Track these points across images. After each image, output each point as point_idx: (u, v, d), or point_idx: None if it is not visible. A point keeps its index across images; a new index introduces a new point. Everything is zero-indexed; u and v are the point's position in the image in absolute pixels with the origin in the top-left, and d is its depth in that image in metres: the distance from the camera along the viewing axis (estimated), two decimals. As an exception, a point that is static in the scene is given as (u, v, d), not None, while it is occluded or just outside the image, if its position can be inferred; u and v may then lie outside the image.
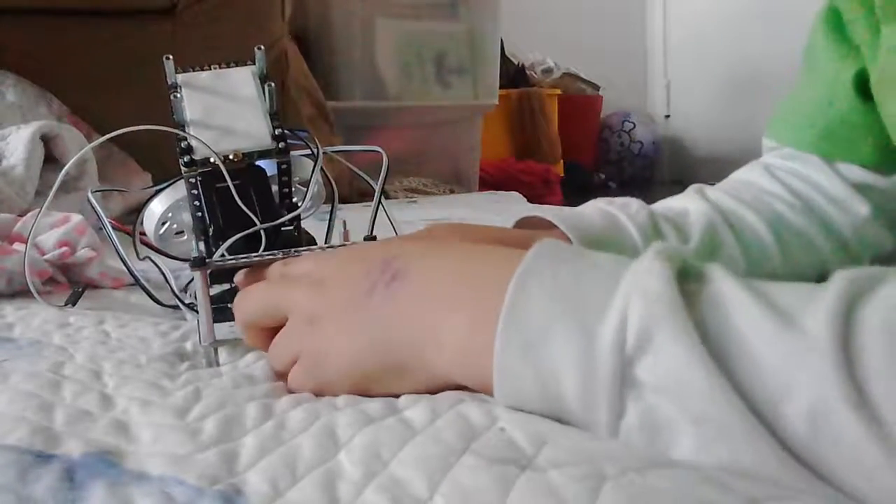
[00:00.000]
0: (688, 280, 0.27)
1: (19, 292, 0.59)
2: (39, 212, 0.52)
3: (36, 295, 0.53)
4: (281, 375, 0.38)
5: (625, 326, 0.26)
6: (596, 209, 0.55)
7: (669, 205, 0.58)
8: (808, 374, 0.23)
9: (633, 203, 0.55)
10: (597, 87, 3.68)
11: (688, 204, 0.57)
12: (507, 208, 1.34)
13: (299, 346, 0.37)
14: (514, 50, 3.23)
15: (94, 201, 0.52)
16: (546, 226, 0.54)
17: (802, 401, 0.23)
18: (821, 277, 0.59)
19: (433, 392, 0.33)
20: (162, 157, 0.49)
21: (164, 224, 0.52)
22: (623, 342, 0.26)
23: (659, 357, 0.26)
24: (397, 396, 0.34)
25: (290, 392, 0.36)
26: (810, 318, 0.24)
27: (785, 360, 0.24)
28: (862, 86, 0.54)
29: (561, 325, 0.28)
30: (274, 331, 0.39)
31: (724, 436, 0.24)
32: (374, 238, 0.46)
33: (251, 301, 0.40)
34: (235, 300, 0.42)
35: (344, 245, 0.44)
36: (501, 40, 2.29)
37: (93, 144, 0.50)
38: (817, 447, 0.23)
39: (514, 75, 3.19)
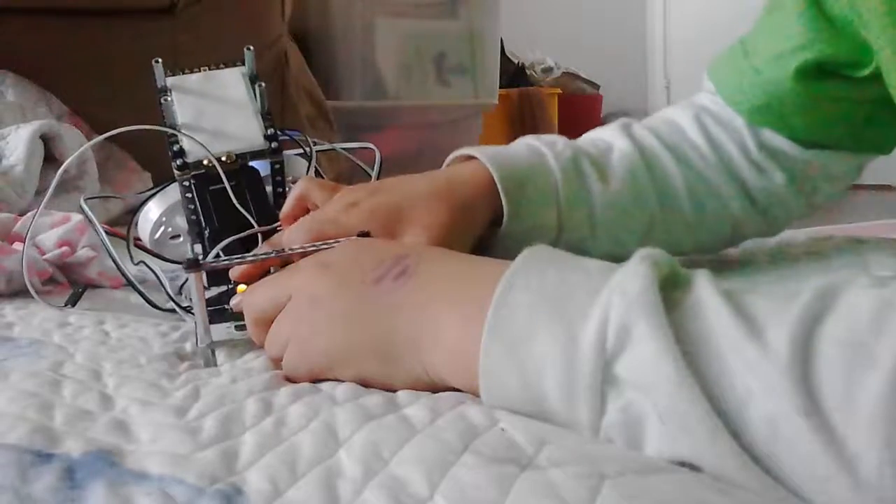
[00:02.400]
0: (675, 288, 0.28)
1: (19, 292, 0.59)
2: (37, 211, 0.52)
3: (34, 294, 0.53)
4: (277, 363, 0.38)
5: (606, 326, 0.27)
6: (523, 144, 0.56)
7: (597, 136, 0.59)
8: (763, 383, 0.24)
9: (560, 141, 0.56)
10: (597, 87, 3.68)
11: (614, 140, 0.58)
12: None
13: (296, 326, 0.37)
14: (514, 50, 3.22)
15: (86, 209, 0.52)
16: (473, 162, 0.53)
17: (761, 408, 0.24)
18: (734, 229, 0.61)
19: (424, 389, 0.33)
20: (162, 157, 0.49)
21: (159, 228, 0.52)
22: (604, 341, 0.26)
23: (635, 353, 0.26)
24: (394, 391, 0.34)
25: (287, 379, 0.36)
26: (774, 330, 0.24)
27: (747, 368, 0.24)
28: (805, 72, 0.54)
29: (545, 324, 0.28)
30: None
31: (687, 433, 0.25)
32: (368, 233, 0.46)
33: (258, 293, 0.40)
34: (244, 296, 0.42)
35: (338, 242, 0.44)
36: (501, 40, 2.29)
37: (91, 143, 0.50)
38: (775, 453, 0.24)
39: (514, 75, 3.19)
